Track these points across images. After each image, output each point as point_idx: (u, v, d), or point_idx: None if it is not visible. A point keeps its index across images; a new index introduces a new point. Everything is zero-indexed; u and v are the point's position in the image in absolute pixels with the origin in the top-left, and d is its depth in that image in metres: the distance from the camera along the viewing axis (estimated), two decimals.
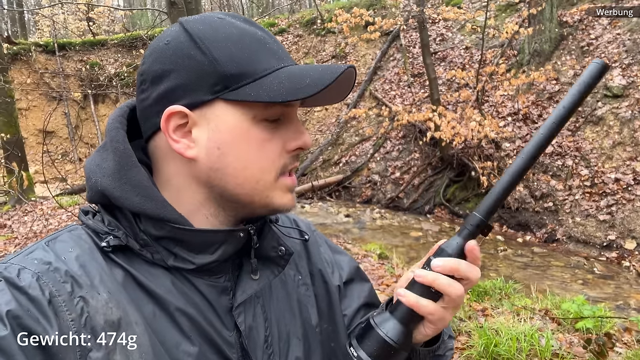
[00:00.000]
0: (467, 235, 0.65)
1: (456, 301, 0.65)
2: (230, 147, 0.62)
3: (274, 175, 0.65)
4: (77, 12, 17.19)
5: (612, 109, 7.36)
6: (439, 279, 0.63)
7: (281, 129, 0.65)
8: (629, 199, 6.42)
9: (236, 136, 0.62)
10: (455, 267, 0.63)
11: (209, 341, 0.63)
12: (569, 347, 3.04)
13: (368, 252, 5.50)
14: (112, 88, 14.54)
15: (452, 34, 10.92)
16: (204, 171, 0.63)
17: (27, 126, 13.56)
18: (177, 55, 0.61)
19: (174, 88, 0.62)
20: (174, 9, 5.40)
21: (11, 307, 0.51)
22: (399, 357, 0.64)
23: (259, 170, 0.64)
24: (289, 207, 0.68)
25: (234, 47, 0.61)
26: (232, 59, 0.60)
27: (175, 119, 0.62)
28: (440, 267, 0.64)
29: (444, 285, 0.63)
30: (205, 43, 0.60)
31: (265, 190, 0.65)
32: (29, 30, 22.47)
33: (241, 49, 0.61)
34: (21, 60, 14.26)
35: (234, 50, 0.60)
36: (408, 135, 9.66)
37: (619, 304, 4.67)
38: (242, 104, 0.61)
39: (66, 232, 0.64)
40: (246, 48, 0.61)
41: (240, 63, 0.60)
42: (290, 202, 0.68)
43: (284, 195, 0.67)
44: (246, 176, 0.63)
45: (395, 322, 0.64)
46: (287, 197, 0.67)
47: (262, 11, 20.80)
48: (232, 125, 0.61)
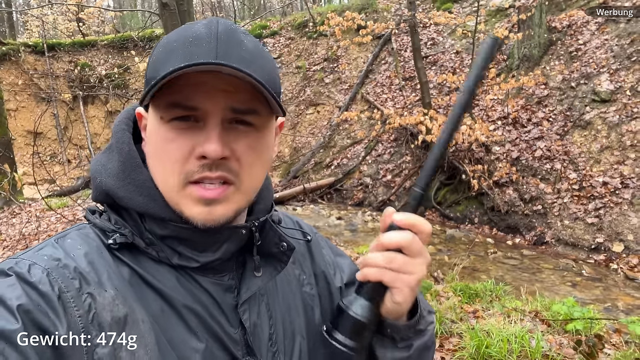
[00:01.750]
0: (412, 208, 0.68)
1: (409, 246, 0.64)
2: (149, 146, 0.66)
3: (178, 180, 0.62)
4: (67, 13, 17.06)
5: (600, 113, 7.47)
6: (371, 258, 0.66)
7: (194, 133, 0.61)
8: (617, 202, 6.51)
9: (150, 136, 0.65)
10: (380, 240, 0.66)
11: (215, 338, 0.64)
12: (559, 349, 3.07)
13: (360, 254, 5.52)
14: (103, 89, 14.43)
15: (443, 38, 11.00)
16: None
17: (15, 127, 13.41)
18: None
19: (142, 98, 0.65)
20: (166, 10, 5.38)
21: (22, 301, 0.52)
22: (370, 330, 0.67)
23: (164, 171, 0.63)
24: (200, 221, 0.62)
25: (160, 53, 0.62)
26: (152, 63, 0.63)
27: (142, 119, 0.68)
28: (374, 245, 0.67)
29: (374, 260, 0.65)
30: (154, 51, 0.64)
31: (174, 197, 0.63)
32: (18, 30, 22.23)
33: (163, 53, 0.61)
34: (10, 60, 14.09)
35: (158, 54, 0.62)
36: (399, 139, 9.71)
37: (607, 306, 4.73)
38: (153, 105, 0.63)
39: (74, 230, 0.65)
40: (168, 51, 0.61)
41: (153, 68, 0.62)
42: (200, 216, 0.62)
43: (193, 206, 0.62)
44: (157, 177, 0.65)
45: (361, 299, 0.67)
46: (197, 209, 0.62)
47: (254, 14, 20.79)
48: (150, 126, 0.65)
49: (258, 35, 13.67)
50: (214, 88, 0.59)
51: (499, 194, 7.61)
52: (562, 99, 8.06)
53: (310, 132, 11.54)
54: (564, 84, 8.17)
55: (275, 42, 13.80)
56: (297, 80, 12.65)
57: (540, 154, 7.61)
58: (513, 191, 7.53)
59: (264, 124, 0.65)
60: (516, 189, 7.53)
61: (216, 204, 0.62)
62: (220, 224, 0.63)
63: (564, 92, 8.10)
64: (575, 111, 7.74)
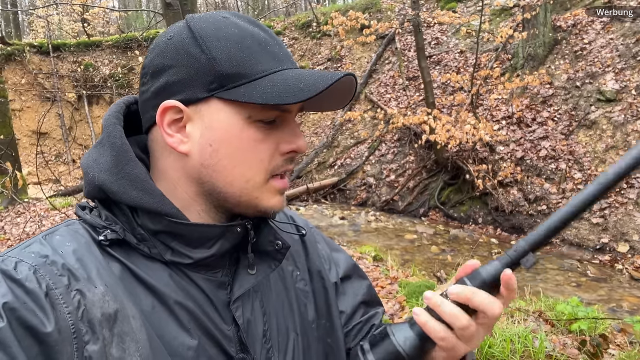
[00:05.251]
0: (507, 262, 0.61)
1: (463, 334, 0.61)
2: (222, 145, 0.62)
3: (264, 176, 0.65)
4: (72, 13, 17.13)
5: (605, 113, 7.42)
6: (442, 306, 0.61)
7: (276, 131, 0.64)
8: (622, 202, 6.47)
9: (229, 135, 0.62)
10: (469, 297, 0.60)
11: (208, 334, 0.63)
12: (562, 349, 3.05)
13: (363, 254, 5.50)
14: (107, 89, 14.48)
15: (447, 37, 10.97)
16: (196, 167, 0.64)
17: (20, 127, 13.48)
18: (177, 51, 0.62)
19: (171, 83, 0.63)
20: (170, 10, 5.39)
21: (8, 299, 0.51)
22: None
23: (249, 170, 0.64)
24: (277, 210, 0.68)
25: (233, 47, 0.61)
26: (230, 59, 0.60)
27: (171, 113, 0.63)
28: (455, 294, 0.61)
29: (446, 314, 0.61)
30: (206, 41, 0.61)
31: (254, 191, 0.65)
32: (23, 30, 22.36)
33: (240, 49, 0.61)
34: (15, 60, 14.17)
35: (232, 50, 0.61)
36: (403, 138, 9.69)
37: (611, 307, 4.70)
38: (237, 103, 0.61)
39: (63, 226, 0.64)
40: (245, 49, 0.61)
41: (238, 63, 0.60)
42: (278, 205, 0.68)
43: (272, 197, 0.67)
44: (235, 175, 0.63)
45: (411, 334, 0.62)
46: (276, 199, 0.67)
47: (258, 13, 20.82)
48: (225, 124, 0.62)
49: None
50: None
51: (503, 194, 7.58)
52: (567, 99, 8.02)
53: (313, 132, 11.53)
54: (569, 84, 8.12)
55: None
56: None
57: (545, 153, 7.58)
58: (517, 191, 7.49)
59: None
60: (520, 188, 7.50)
61: (284, 192, 0.69)
62: None
63: (569, 92, 8.06)
64: (580, 111, 7.70)
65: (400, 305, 3.77)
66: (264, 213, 0.67)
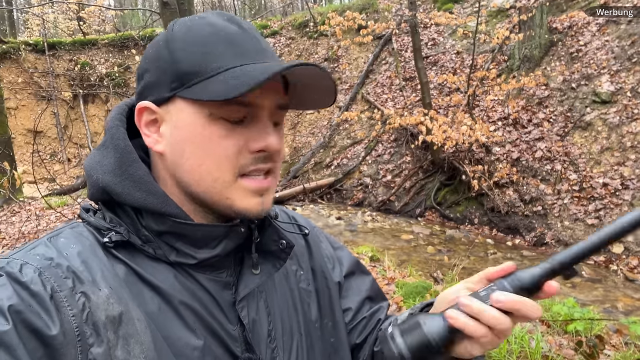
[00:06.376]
0: (548, 271, 0.61)
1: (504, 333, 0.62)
2: (187, 144, 0.63)
3: (232, 174, 0.63)
4: (68, 12, 17.05)
5: (600, 114, 7.46)
6: (485, 312, 0.60)
7: (244, 129, 0.63)
8: (617, 203, 6.51)
9: (192, 133, 0.63)
10: (518, 307, 0.60)
11: (213, 335, 0.64)
12: (558, 349, 3.07)
13: (360, 254, 5.51)
14: (103, 88, 14.42)
15: (444, 38, 11.00)
16: (172, 167, 0.66)
17: (15, 126, 13.40)
18: (153, 55, 0.65)
19: (147, 85, 0.65)
20: (167, 9, 5.38)
21: (13, 302, 0.51)
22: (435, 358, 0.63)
23: (216, 168, 0.63)
24: (255, 212, 0.65)
25: (196, 47, 0.62)
26: (190, 58, 0.62)
27: (146, 114, 0.65)
28: (502, 303, 0.60)
29: (490, 319, 0.60)
30: (173, 43, 0.63)
31: (224, 191, 0.64)
32: (19, 28, 22.23)
33: (203, 47, 0.62)
34: (10, 59, 14.09)
35: (195, 49, 0.62)
36: (400, 139, 9.70)
37: (606, 307, 4.72)
38: (197, 101, 0.62)
39: (68, 228, 0.64)
40: (209, 46, 0.61)
41: (196, 62, 0.61)
42: (255, 207, 0.65)
43: (246, 198, 0.64)
44: (202, 173, 0.63)
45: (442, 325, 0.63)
46: (252, 200, 0.64)
47: (255, 13, 20.80)
48: (188, 122, 0.63)
49: None
50: (268, 85, 0.61)
51: (499, 195, 7.60)
52: (563, 100, 8.05)
53: (310, 132, 11.53)
54: (565, 85, 8.16)
55: (276, 41, 13.80)
56: None
57: (540, 154, 7.61)
58: (513, 192, 7.52)
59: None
60: (516, 189, 7.52)
61: (267, 194, 0.67)
62: (266, 214, 0.67)
63: (565, 93, 8.10)
64: (576, 112, 7.73)
65: (397, 306, 3.77)
66: (243, 215, 0.65)
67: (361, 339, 0.86)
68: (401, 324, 0.67)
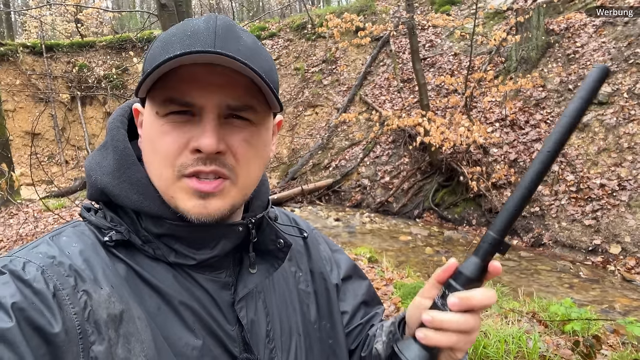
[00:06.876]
0: (484, 254, 0.62)
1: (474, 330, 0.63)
2: (145, 142, 0.65)
3: (172, 172, 0.61)
4: (65, 14, 17.03)
5: (597, 115, 7.49)
6: (447, 322, 0.61)
7: (190, 127, 0.61)
8: (614, 204, 6.53)
9: (147, 131, 0.65)
10: (473, 304, 0.60)
11: (212, 335, 0.64)
12: (556, 349, 3.07)
13: (358, 255, 5.51)
14: (101, 90, 14.40)
15: (441, 40, 11.02)
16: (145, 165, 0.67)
17: (13, 128, 13.36)
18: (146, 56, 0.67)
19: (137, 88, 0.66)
20: (164, 11, 5.37)
21: (16, 299, 0.51)
22: None
23: (160, 165, 0.62)
24: (195, 215, 0.61)
25: (157, 47, 0.62)
26: (149, 58, 0.63)
27: (140, 115, 0.68)
28: (457, 305, 0.60)
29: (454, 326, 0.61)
30: (152, 46, 0.64)
31: (169, 189, 0.62)
32: (16, 31, 22.20)
33: (160, 47, 0.62)
34: (8, 61, 14.06)
35: (155, 49, 0.63)
36: (398, 140, 9.72)
37: (604, 308, 4.73)
38: (149, 100, 0.63)
39: (70, 227, 0.65)
40: (164, 45, 0.61)
41: (150, 61, 0.62)
42: (195, 209, 0.61)
43: (187, 198, 0.61)
44: (152, 171, 0.65)
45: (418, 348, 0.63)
46: (192, 202, 0.61)
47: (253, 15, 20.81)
48: (147, 121, 0.65)
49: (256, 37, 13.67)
50: (209, 84, 0.59)
51: (497, 196, 7.62)
52: (560, 101, 8.08)
53: (308, 133, 11.54)
54: (562, 86, 8.19)
55: (274, 43, 13.81)
56: (295, 81, 12.65)
57: None
58: (511, 193, 7.52)
59: (261, 120, 0.65)
60: (514, 190, 7.53)
61: (211, 197, 0.62)
62: (215, 218, 0.62)
63: (562, 95, 8.12)
64: None
65: (395, 307, 3.78)
66: (186, 216, 0.62)
67: (355, 345, 0.86)
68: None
